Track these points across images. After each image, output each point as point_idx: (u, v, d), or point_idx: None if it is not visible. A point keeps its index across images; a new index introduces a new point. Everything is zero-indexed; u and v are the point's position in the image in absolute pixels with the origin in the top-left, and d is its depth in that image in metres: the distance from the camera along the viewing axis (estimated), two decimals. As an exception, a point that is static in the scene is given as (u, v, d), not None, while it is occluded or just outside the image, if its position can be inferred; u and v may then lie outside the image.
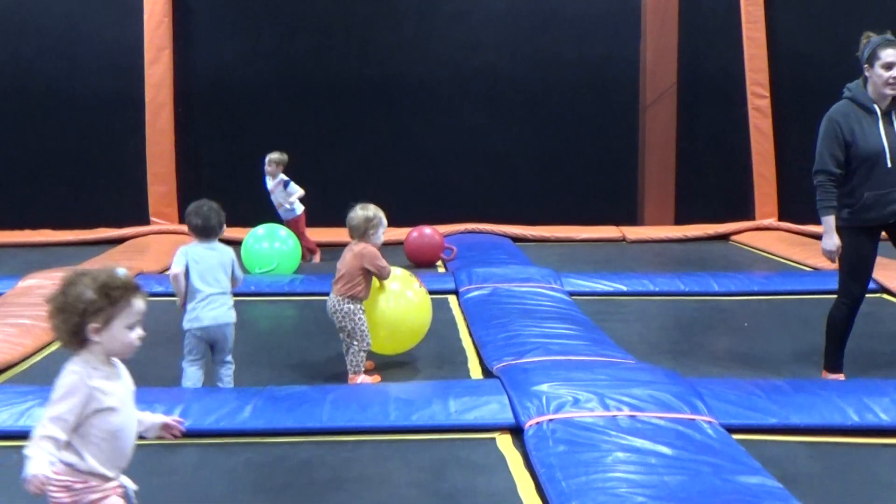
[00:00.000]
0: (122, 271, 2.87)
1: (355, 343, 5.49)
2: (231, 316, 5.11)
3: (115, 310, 2.79)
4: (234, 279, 5.15)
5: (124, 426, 2.85)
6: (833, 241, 5.13)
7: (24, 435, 3.11)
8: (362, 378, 5.50)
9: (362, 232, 5.48)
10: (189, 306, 5.09)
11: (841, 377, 5.38)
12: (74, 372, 2.78)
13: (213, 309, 5.05)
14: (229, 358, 5.19)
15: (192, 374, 5.12)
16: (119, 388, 2.86)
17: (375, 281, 5.63)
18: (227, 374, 5.19)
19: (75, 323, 2.76)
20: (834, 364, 5.41)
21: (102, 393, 2.79)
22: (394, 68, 12.47)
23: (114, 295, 2.78)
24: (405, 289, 5.81)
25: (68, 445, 2.76)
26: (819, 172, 5.11)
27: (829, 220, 5.11)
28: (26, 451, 2.69)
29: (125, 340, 2.82)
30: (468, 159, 12.51)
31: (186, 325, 5.08)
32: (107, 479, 2.82)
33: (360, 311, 5.49)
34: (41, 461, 2.66)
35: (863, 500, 3.84)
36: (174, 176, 12.08)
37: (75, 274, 2.83)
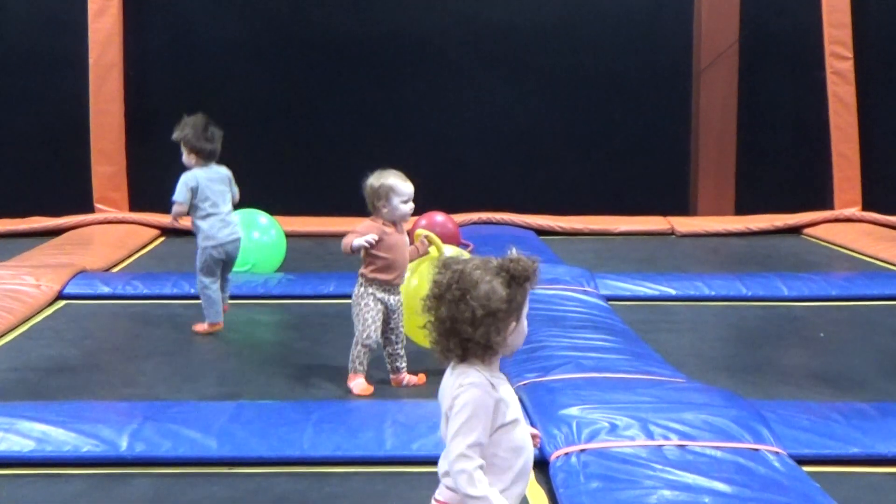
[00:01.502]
0: (514, 250, 2.81)
1: (356, 334, 5.61)
2: (240, 231, 6.94)
3: (525, 299, 2.75)
4: (233, 196, 6.84)
5: (526, 440, 2.80)
6: None
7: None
8: (356, 382, 5.61)
9: (372, 205, 5.62)
10: (204, 227, 6.69)
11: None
12: (475, 385, 2.70)
13: (227, 226, 6.78)
14: (232, 271, 7.12)
15: (216, 293, 6.76)
16: (512, 394, 2.81)
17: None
18: (228, 285, 7.10)
19: (497, 328, 2.70)
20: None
21: (506, 404, 2.74)
22: (393, 25, 12.45)
23: (530, 284, 2.74)
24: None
25: None
26: None
27: None
28: (470, 491, 2.62)
29: (525, 331, 2.79)
30: (482, 135, 12.51)
31: (203, 244, 6.73)
32: None
33: (368, 297, 5.57)
34: (501, 501, 2.64)
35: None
36: (124, 154, 12.09)
37: (459, 271, 2.72)
